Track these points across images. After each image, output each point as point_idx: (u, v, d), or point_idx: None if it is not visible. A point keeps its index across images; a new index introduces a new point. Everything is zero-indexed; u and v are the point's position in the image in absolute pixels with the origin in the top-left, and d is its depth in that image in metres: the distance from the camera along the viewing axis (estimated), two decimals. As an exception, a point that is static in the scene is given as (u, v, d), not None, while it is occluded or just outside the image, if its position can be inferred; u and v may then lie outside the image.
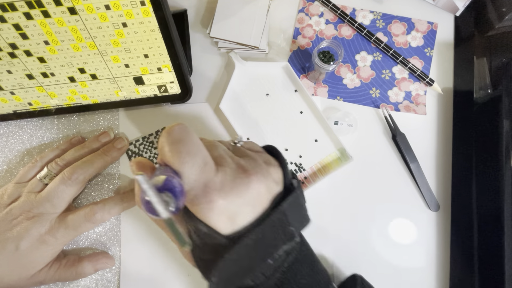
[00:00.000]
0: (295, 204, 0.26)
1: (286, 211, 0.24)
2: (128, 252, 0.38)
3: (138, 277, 0.38)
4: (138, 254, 0.38)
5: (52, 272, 0.35)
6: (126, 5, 0.30)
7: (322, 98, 0.43)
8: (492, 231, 0.35)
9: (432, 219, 0.40)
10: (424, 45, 0.44)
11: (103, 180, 0.40)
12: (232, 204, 0.22)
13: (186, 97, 0.40)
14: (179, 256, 0.38)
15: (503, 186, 0.34)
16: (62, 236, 0.34)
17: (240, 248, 0.22)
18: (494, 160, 0.35)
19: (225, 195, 0.22)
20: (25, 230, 0.33)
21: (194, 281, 0.38)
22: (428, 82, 0.42)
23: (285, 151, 0.41)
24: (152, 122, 0.42)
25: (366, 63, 0.44)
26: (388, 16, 0.45)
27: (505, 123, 0.35)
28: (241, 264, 0.23)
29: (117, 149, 0.39)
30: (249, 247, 0.23)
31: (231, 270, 0.23)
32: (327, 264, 0.39)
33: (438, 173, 0.41)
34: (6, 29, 0.31)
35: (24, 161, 0.41)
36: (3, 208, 0.35)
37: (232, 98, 0.42)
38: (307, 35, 0.45)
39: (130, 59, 0.35)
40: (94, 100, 0.39)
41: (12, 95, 0.37)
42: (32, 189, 0.35)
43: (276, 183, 0.25)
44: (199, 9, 0.45)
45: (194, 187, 0.22)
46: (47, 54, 0.34)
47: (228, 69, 0.43)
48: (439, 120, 0.42)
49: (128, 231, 0.39)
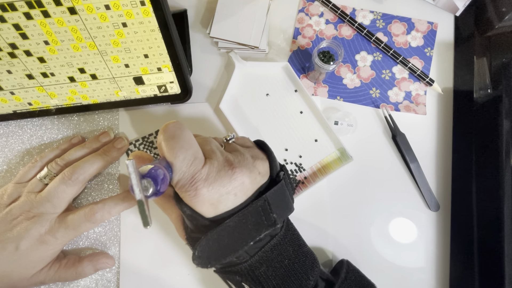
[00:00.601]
0: (279, 194, 0.29)
1: (269, 199, 0.27)
2: (128, 252, 0.38)
3: (138, 277, 0.38)
4: (138, 254, 0.38)
5: (52, 272, 0.35)
6: (126, 5, 0.30)
7: (322, 98, 0.43)
8: (492, 231, 0.35)
9: (432, 219, 0.40)
10: (424, 45, 0.44)
11: (103, 180, 0.40)
12: (214, 192, 0.26)
13: (186, 97, 0.40)
14: (179, 256, 0.38)
15: (503, 186, 0.34)
16: (62, 236, 0.34)
17: (221, 229, 0.26)
18: (494, 160, 0.35)
19: (209, 184, 0.25)
20: (25, 230, 0.33)
21: (194, 281, 0.38)
22: (428, 82, 0.42)
23: (285, 151, 0.41)
24: (152, 122, 0.42)
25: (366, 63, 0.44)
26: (388, 16, 0.45)
27: (505, 123, 0.35)
28: (223, 243, 0.26)
29: (117, 149, 0.39)
30: (230, 228, 0.26)
31: (213, 247, 0.26)
32: (326, 264, 0.39)
33: (438, 173, 0.41)
34: (6, 29, 0.31)
35: (24, 161, 0.41)
36: (3, 208, 0.35)
37: (232, 98, 0.42)
38: (307, 35, 0.45)
39: (130, 59, 0.35)
40: (94, 100, 0.39)
41: (12, 95, 0.37)
42: (32, 189, 0.35)
43: (261, 175, 0.28)
44: (199, 9, 0.45)
45: (183, 177, 0.25)
46: (47, 54, 0.34)
47: (228, 69, 0.43)
48: (439, 120, 0.42)
49: (128, 231, 0.39)
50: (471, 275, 0.36)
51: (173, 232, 0.39)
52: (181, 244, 0.39)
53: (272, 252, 0.28)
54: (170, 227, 0.39)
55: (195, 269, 0.38)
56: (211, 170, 0.26)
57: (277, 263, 0.28)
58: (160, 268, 0.38)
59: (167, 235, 0.39)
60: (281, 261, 0.28)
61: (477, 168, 0.38)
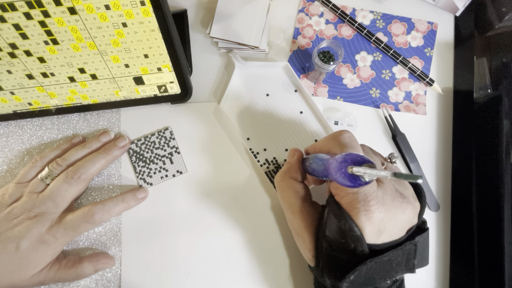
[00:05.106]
0: (424, 242, 0.28)
1: (417, 244, 0.27)
2: (129, 252, 0.38)
3: (138, 277, 0.38)
4: (139, 254, 0.38)
5: (52, 273, 0.35)
6: (126, 5, 0.30)
7: (322, 98, 0.43)
8: (492, 231, 0.35)
9: (432, 219, 0.40)
10: (424, 45, 0.44)
11: (104, 180, 0.40)
12: (387, 220, 0.25)
13: (186, 97, 0.40)
14: (179, 256, 0.38)
15: (503, 185, 0.34)
16: (62, 236, 0.34)
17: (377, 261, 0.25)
18: (494, 160, 0.35)
19: (384, 211, 0.25)
20: (26, 230, 0.33)
21: (194, 281, 0.38)
22: (428, 82, 0.42)
23: (285, 151, 0.41)
24: (152, 122, 0.42)
25: (366, 63, 0.44)
26: (388, 16, 0.45)
27: (505, 123, 0.35)
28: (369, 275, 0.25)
29: (119, 148, 0.39)
30: (382, 263, 0.25)
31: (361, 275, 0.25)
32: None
33: (438, 173, 0.41)
34: (6, 29, 0.31)
35: (24, 161, 0.41)
36: (4, 208, 0.35)
37: (232, 98, 0.42)
38: (307, 35, 0.45)
39: (130, 59, 0.35)
40: (94, 100, 0.39)
41: (12, 95, 0.37)
42: (34, 189, 0.35)
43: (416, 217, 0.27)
44: (199, 9, 0.45)
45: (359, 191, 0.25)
46: (47, 54, 0.34)
47: (228, 69, 0.43)
48: (439, 120, 0.42)
49: (128, 231, 0.39)
50: (471, 275, 0.36)
51: (173, 232, 0.39)
52: (181, 244, 0.39)
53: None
54: (170, 227, 0.39)
55: (196, 269, 0.38)
56: (386, 195, 0.25)
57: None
58: (160, 268, 0.38)
59: (168, 235, 0.39)
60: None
61: (477, 168, 0.38)
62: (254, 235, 0.39)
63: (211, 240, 0.39)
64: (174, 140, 0.41)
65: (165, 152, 0.41)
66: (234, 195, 0.40)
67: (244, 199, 0.40)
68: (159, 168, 0.40)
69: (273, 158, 0.40)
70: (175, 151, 0.41)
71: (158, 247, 0.39)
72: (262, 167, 0.40)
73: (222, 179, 0.40)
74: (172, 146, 0.41)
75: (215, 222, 0.39)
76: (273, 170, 0.40)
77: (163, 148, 0.41)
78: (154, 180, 0.40)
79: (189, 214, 0.39)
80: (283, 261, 0.38)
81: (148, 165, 0.40)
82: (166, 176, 0.40)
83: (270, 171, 0.40)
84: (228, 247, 0.39)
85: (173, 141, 0.41)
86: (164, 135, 0.41)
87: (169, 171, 0.40)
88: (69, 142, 0.39)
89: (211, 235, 0.39)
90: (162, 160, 0.40)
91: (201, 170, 0.40)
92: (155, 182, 0.40)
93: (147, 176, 0.40)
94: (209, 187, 0.40)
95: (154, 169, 0.40)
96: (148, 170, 0.40)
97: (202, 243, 0.39)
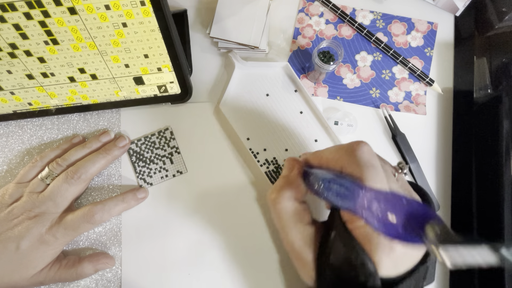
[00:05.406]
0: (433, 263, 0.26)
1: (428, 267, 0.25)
2: (129, 252, 0.38)
3: (138, 277, 0.38)
4: (139, 254, 0.38)
5: (52, 273, 0.35)
6: (126, 5, 0.30)
7: (322, 98, 0.43)
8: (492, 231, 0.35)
9: (432, 219, 0.40)
10: (424, 45, 0.44)
11: (104, 180, 0.40)
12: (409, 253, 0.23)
13: (186, 97, 0.40)
14: (179, 256, 0.38)
15: (503, 186, 0.34)
16: (62, 236, 0.34)
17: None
18: (494, 160, 0.35)
19: None
20: (26, 230, 0.33)
21: (194, 281, 0.38)
22: (428, 82, 0.42)
23: (285, 151, 0.41)
24: (152, 122, 0.42)
25: (366, 63, 0.44)
26: (388, 16, 0.45)
27: (505, 123, 0.35)
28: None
29: (119, 147, 0.39)
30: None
31: None
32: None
33: (438, 173, 0.41)
34: (6, 29, 0.31)
35: (24, 161, 0.41)
36: (4, 208, 0.35)
37: (232, 98, 0.42)
38: (307, 35, 0.45)
39: (130, 59, 0.35)
40: (94, 100, 0.39)
41: (12, 95, 0.37)
42: (34, 189, 0.35)
43: None
44: (199, 9, 0.45)
45: None
46: (47, 54, 0.34)
47: (228, 69, 0.43)
48: (439, 120, 0.42)
49: (129, 231, 0.39)
50: (471, 275, 0.36)
51: (173, 232, 0.39)
52: (182, 244, 0.39)
53: None
54: (170, 227, 0.39)
55: (196, 269, 0.38)
56: None
57: None
58: (161, 268, 0.38)
59: (168, 235, 0.39)
60: None
61: (477, 168, 0.38)
62: (254, 235, 0.39)
63: (212, 240, 0.39)
64: (174, 140, 0.41)
65: (165, 152, 0.41)
66: (234, 195, 0.40)
67: (244, 199, 0.40)
68: (159, 168, 0.40)
69: (273, 158, 0.40)
70: (175, 151, 0.41)
71: (158, 247, 0.39)
72: (262, 167, 0.40)
73: (222, 179, 0.40)
74: (172, 146, 0.41)
75: (215, 222, 0.39)
76: (273, 170, 0.40)
77: (163, 148, 0.41)
78: (154, 180, 0.40)
79: (189, 214, 0.39)
80: (285, 261, 0.38)
81: (148, 165, 0.40)
82: (166, 176, 0.40)
83: (270, 171, 0.40)
84: (229, 247, 0.39)
85: (173, 141, 0.41)
86: (164, 135, 0.41)
87: (169, 171, 0.40)
88: (69, 142, 0.40)
89: (212, 235, 0.39)
90: (162, 160, 0.40)
91: (201, 170, 0.40)
92: (155, 182, 0.40)
93: (147, 176, 0.40)
94: (209, 187, 0.40)
95: (154, 169, 0.40)
96: (148, 170, 0.40)
97: (203, 243, 0.39)
